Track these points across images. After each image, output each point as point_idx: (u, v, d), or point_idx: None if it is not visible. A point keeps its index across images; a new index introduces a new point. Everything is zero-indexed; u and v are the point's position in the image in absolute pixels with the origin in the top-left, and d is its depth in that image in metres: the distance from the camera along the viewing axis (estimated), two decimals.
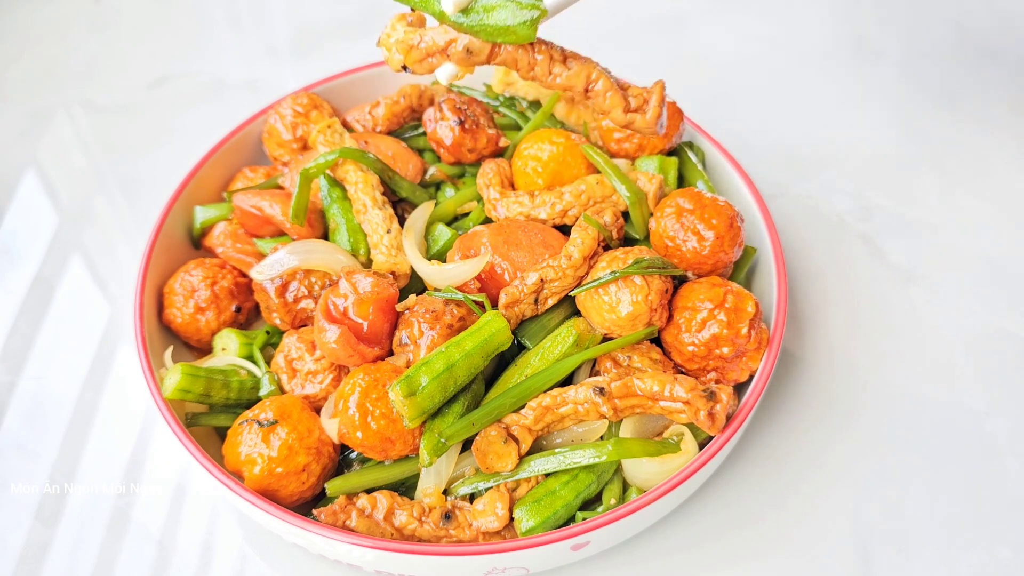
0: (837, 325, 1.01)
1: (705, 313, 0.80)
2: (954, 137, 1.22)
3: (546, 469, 0.77)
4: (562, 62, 0.71)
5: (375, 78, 1.13)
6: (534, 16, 0.67)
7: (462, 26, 0.69)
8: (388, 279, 0.84)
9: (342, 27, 1.49)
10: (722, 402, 0.76)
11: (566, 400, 0.77)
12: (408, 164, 1.00)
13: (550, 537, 0.72)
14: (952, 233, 1.11)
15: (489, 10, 0.68)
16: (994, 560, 0.83)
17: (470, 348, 0.77)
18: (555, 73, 0.71)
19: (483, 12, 0.68)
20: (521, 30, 0.67)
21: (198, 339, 0.93)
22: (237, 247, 0.97)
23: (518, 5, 0.67)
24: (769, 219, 0.93)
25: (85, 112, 1.34)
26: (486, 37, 0.69)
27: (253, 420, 0.79)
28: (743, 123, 1.25)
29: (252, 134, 1.08)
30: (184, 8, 1.54)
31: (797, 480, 0.89)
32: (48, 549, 0.86)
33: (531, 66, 0.71)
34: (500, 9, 0.68)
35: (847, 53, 1.37)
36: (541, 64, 0.71)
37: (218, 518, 0.88)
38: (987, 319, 1.01)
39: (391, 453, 0.78)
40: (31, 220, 1.19)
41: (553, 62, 0.71)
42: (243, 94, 1.37)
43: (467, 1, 0.69)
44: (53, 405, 0.98)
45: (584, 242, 0.84)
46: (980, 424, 0.92)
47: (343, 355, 0.80)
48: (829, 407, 0.94)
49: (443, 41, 0.71)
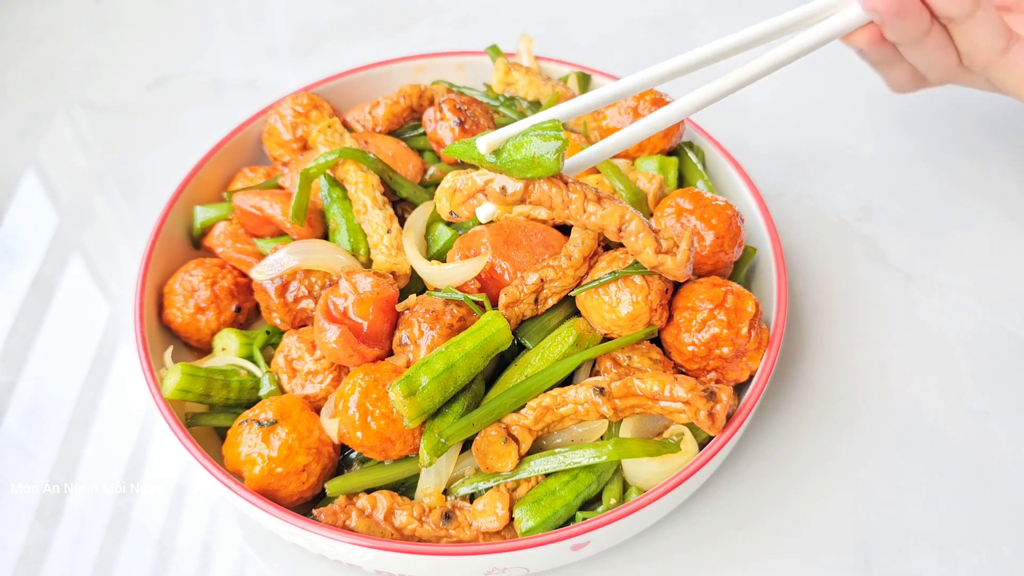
0: (837, 325, 1.01)
1: (705, 313, 0.80)
2: (954, 137, 1.22)
3: (546, 469, 0.77)
4: (596, 202, 0.74)
5: (375, 78, 1.13)
6: (557, 146, 0.71)
7: (496, 166, 0.74)
8: (388, 279, 0.84)
9: (342, 27, 1.49)
10: (722, 402, 0.76)
11: (566, 400, 0.77)
12: (408, 164, 1.00)
13: (550, 537, 0.72)
14: (952, 233, 1.11)
15: (518, 148, 0.73)
16: (994, 560, 0.83)
17: (470, 348, 0.77)
18: (589, 212, 0.74)
19: (512, 150, 0.73)
20: (547, 160, 0.72)
21: (198, 339, 0.93)
22: (237, 247, 0.97)
23: (542, 139, 0.72)
24: (769, 219, 0.93)
25: (85, 112, 1.34)
26: (518, 174, 0.73)
27: (253, 420, 0.79)
28: (743, 123, 1.25)
29: (252, 134, 1.08)
30: (184, 8, 1.55)
31: (797, 480, 0.89)
32: (48, 549, 0.86)
33: (566, 204, 0.74)
34: (527, 145, 0.73)
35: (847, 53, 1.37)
36: (576, 203, 0.74)
37: (218, 518, 0.88)
38: (987, 319, 1.01)
39: (391, 453, 0.78)
40: (31, 220, 1.19)
41: (587, 200, 0.74)
42: (243, 94, 1.37)
43: (499, 142, 0.74)
44: (53, 405, 0.98)
45: (584, 242, 0.84)
46: (980, 424, 0.92)
47: (343, 355, 0.80)
48: (829, 407, 0.94)
49: (481, 182, 0.76)
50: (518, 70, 1.06)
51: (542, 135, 0.72)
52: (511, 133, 0.74)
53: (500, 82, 1.07)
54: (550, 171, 0.72)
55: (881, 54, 0.89)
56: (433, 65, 1.14)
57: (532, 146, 0.72)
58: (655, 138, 0.97)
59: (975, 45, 0.85)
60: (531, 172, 0.73)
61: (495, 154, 0.75)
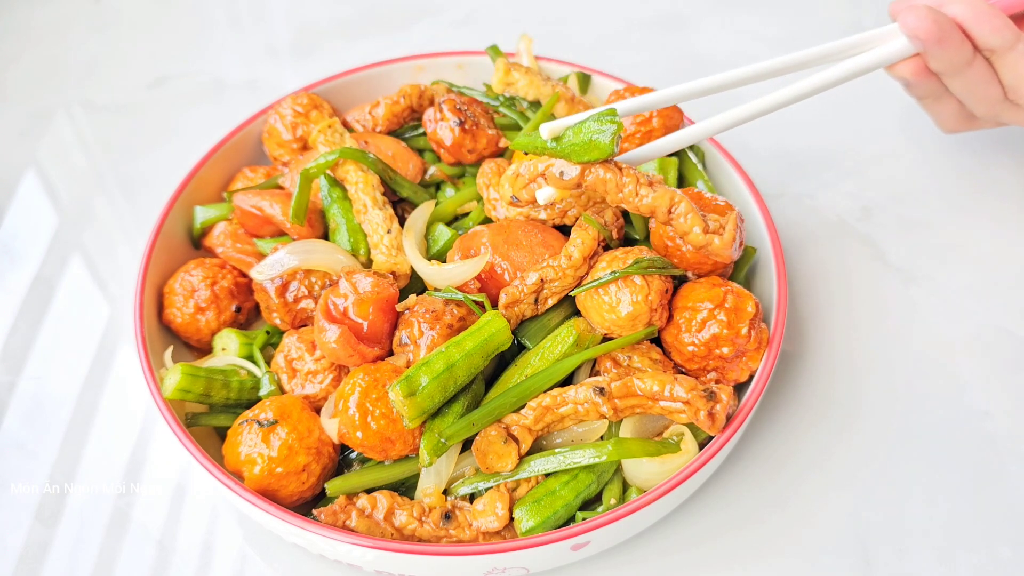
0: (837, 325, 1.01)
1: (705, 313, 0.80)
2: (954, 136, 1.22)
3: (546, 469, 0.77)
4: (648, 185, 0.79)
5: (375, 78, 1.13)
6: (613, 130, 0.77)
7: (556, 151, 0.81)
8: (388, 279, 0.84)
9: (342, 27, 1.49)
10: (722, 402, 0.76)
11: (566, 400, 0.77)
12: (408, 164, 1.00)
13: (550, 537, 0.72)
14: (952, 233, 1.11)
15: (577, 133, 0.80)
16: (994, 560, 0.83)
17: (470, 348, 0.77)
18: (642, 195, 0.78)
19: (572, 134, 0.80)
20: (603, 144, 0.78)
21: (198, 339, 0.93)
22: (237, 247, 0.97)
23: (599, 123, 0.78)
24: (769, 219, 0.93)
25: (85, 112, 1.34)
26: (576, 158, 0.79)
27: (253, 420, 0.79)
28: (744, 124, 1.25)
29: (252, 134, 1.08)
30: (184, 8, 1.55)
31: (797, 480, 0.89)
32: (48, 549, 0.86)
33: (620, 188, 0.79)
34: (585, 131, 0.79)
35: None
36: (629, 186, 0.79)
37: (218, 518, 0.88)
38: (987, 319, 1.01)
39: (391, 453, 0.78)
40: (31, 220, 1.19)
41: (640, 184, 0.79)
42: (243, 94, 1.37)
43: (560, 130, 0.81)
44: (53, 405, 0.98)
45: (584, 242, 0.84)
46: (980, 424, 0.92)
47: (343, 355, 0.80)
48: (829, 407, 0.94)
49: (542, 167, 0.82)
50: (518, 70, 1.06)
51: (599, 120, 0.78)
52: (572, 122, 0.81)
53: (500, 82, 1.07)
54: (605, 154, 0.78)
55: (927, 87, 0.91)
56: (433, 65, 1.14)
57: (589, 131, 0.78)
58: (656, 138, 0.97)
59: (1017, 77, 0.86)
60: (588, 155, 0.78)
61: (556, 140, 0.81)
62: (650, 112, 0.96)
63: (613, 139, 0.77)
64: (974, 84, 0.88)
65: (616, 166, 0.80)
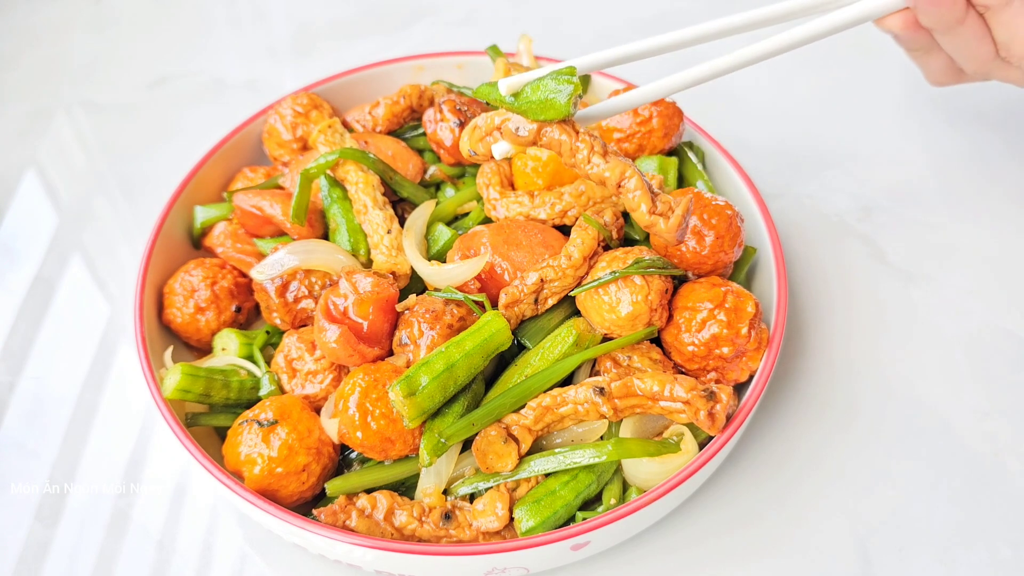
0: (837, 325, 1.01)
1: (705, 313, 0.80)
2: (954, 137, 1.22)
3: (546, 469, 0.77)
4: (602, 155, 0.76)
5: (375, 78, 1.13)
6: (570, 91, 0.74)
7: (513, 106, 0.78)
8: (388, 279, 0.84)
9: (342, 27, 1.49)
10: (722, 402, 0.76)
11: (566, 400, 0.78)
12: (408, 164, 1.00)
13: (550, 537, 0.72)
14: (952, 233, 1.11)
15: (534, 90, 0.77)
16: (994, 560, 0.83)
17: (470, 348, 0.77)
18: (594, 163, 0.76)
19: (529, 91, 0.77)
20: (559, 103, 0.75)
21: (198, 339, 0.93)
22: (237, 247, 0.97)
23: (557, 83, 0.75)
24: (769, 219, 0.93)
25: (85, 112, 1.34)
26: (532, 115, 0.77)
27: (253, 420, 0.79)
28: (743, 123, 1.25)
29: (252, 134, 1.08)
30: (184, 8, 1.55)
31: (797, 480, 0.89)
32: (48, 549, 0.86)
33: (573, 152, 0.77)
34: (542, 89, 0.76)
35: (848, 52, 1.37)
36: (582, 152, 0.77)
37: (218, 518, 0.88)
38: (987, 319, 1.01)
39: (391, 453, 0.78)
40: (31, 220, 1.19)
41: (593, 152, 0.76)
42: (243, 94, 1.37)
43: (519, 85, 0.78)
44: (53, 405, 0.98)
45: (584, 242, 0.84)
46: (980, 424, 0.92)
47: (343, 355, 0.80)
48: (829, 407, 0.94)
49: (499, 121, 0.80)
50: (518, 70, 1.06)
51: (556, 79, 0.75)
52: (531, 78, 0.77)
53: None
54: (561, 114, 0.75)
55: (916, 41, 0.88)
56: (433, 65, 1.14)
57: (547, 89, 0.76)
58: (655, 138, 0.97)
59: (1012, 35, 0.83)
60: (544, 114, 0.76)
61: (515, 96, 0.78)
62: (650, 112, 0.96)
63: (570, 100, 0.74)
64: (966, 41, 0.85)
65: (572, 128, 0.77)
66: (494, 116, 0.80)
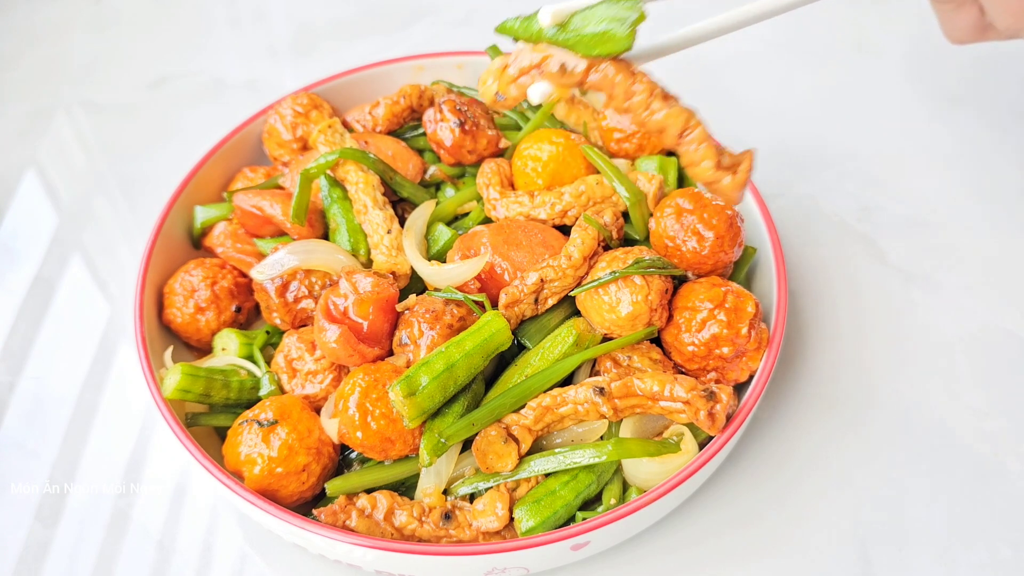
0: (837, 325, 1.01)
1: (705, 313, 0.80)
2: (954, 137, 1.22)
3: (546, 469, 0.77)
4: (663, 99, 0.66)
5: (375, 78, 1.13)
6: (632, 18, 0.62)
7: (558, 40, 0.66)
8: (388, 279, 0.84)
9: (342, 27, 1.49)
10: (722, 402, 0.76)
11: (566, 400, 0.77)
12: (408, 164, 1.00)
13: (550, 537, 0.72)
14: (952, 233, 1.11)
15: (587, 20, 0.65)
16: (994, 560, 0.83)
17: (470, 348, 0.77)
18: (652, 109, 0.66)
19: (581, 22, 0.65)
20: (618, 35, 0.63)
21: (198, 339, 0.93)
22: (237, 247, 0.97)
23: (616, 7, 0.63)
24: (769, 219, 0.93)
25: (85, 112, 1.34)
26: (583, 51, 0.65)
27: (253, 420, 0.79)
28: (743, 122, 1.25)
29: (252, 134, 1.08)
30: (184, 8, 1.55)
31: (797, 480, 0.89)
32: (48, 549, 0.86)
33: (628, 95, 0.66)
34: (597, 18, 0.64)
35: (848, 52, 1.37)
36: (640, 95, 0.66)
37: (218, 518, 0.88)
38: (987, 319, 1.01)
39: (391, 453, 0.78)
40: (31, 220, 1.19)
41: (653, 97, 0.66)
42: (243, 94, 1.37)
43: (565, 14, 0.66)
44: (53, 405, 0.98)
45: (584, 242, 0.84)
46: (980, 424, 0.92)
47: (343, 355, 0.80)
48: (829, 407, 0.94)
49: (538, 59, 0.68)
50: None
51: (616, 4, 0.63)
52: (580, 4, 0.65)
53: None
54: (621, 47, 0.63)
55: None
56: (433, 65, 1.14)
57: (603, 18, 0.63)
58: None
59: None
60: (599, 49, 0.64)
61: (560, 27, 0.66)
62: None
63: (631, 31, 0.62)
64: None
65: (628, 68, 0.66)
66: (528, 55, 0.68)
